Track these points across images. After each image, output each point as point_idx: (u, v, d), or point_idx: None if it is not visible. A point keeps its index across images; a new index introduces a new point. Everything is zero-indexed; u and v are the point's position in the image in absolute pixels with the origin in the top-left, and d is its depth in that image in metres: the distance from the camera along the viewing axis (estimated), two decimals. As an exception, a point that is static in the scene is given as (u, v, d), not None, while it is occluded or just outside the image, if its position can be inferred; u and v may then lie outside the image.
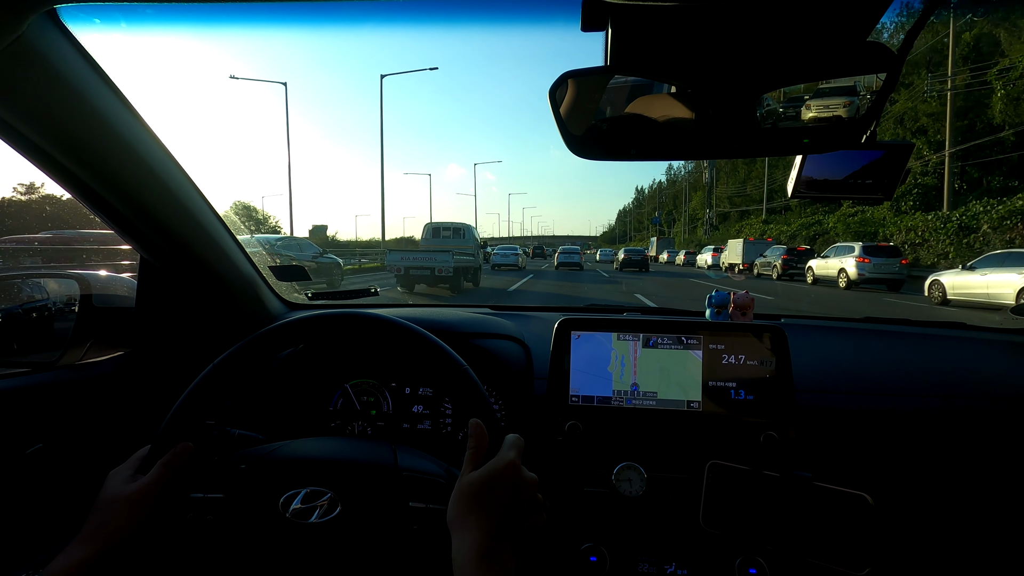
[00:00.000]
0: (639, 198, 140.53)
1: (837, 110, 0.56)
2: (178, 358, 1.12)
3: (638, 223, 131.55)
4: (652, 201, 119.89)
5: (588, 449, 0.99)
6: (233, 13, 0.73)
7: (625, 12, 0.47)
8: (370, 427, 1.19)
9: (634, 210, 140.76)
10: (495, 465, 0.63)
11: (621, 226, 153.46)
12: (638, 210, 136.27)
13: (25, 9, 0.55)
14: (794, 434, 0.94)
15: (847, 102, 0.55)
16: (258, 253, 1.25)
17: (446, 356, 0.73)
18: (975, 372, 1.14)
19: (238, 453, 0.73)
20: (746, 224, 44.09)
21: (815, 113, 0.56)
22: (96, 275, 1.12)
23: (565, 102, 0.58)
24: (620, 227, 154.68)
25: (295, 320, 0.76)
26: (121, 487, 0.66)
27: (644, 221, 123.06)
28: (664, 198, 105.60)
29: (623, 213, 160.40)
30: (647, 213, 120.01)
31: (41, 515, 0.92)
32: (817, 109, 0.56)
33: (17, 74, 0.64)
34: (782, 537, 0.87)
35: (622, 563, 0.93)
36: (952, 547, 1.05)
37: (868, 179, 0.84)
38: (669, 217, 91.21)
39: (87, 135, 0.77)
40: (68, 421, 0.96)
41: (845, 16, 0.49)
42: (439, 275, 11.75)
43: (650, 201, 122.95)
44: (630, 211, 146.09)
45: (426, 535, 0.66)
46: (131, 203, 0.90)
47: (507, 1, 0.71)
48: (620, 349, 1.02)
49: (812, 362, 1.13)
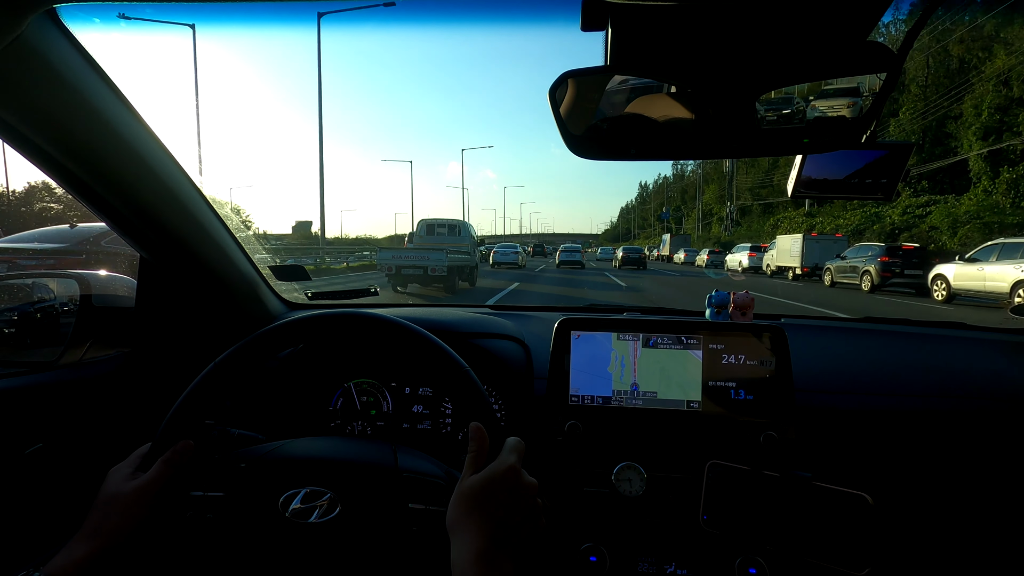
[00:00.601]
0: (643, 194, 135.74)
1: (837, 110, 0.56)
2: (178, 358, 1.12)
3: (642, 220, 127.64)
4: (658, 197, 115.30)
5: (588, 449, 0.99)
6: (234, 13, 0.73)
7: (625, 12, 0.47)
8: (370, 427, 1.19)
9: (638, 207, 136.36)
10: (495, 469, 0.63)
11: (624, 223, 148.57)
12: (642, 206, 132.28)
13: (25, 9, 0.55)
14: (794, 434, 0.94)
15: (847, 102, 0.55)
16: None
17: (447, 357, 0.73)
18: (975, 372, 1.14)
19: (238, 452, 0.73)
20: (782, 217, 37.43)
21: (815, 113, 0.56)
22: (96, 275, 1.12)
23: (565, 102, 0.58)
24: (623, 224, 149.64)
25: (295, 320, 0.76)
26: (121, 485, 0.66)
27: (649, 218, 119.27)
28: (671, 193, 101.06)
29: (625, 210, 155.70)
30: (652, 209, 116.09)
31: (41, 515, 0.92)
32: (817, 109, 0.56)
33: (17, 74, 0.64)
34: (782, 537, 0.87)
35: (622, 563, 0.93)
36: (952, 547, 1.05)
37: (868, 179, 0.84)
38: (677, 213, 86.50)
39: (87, 135, 0.77)
40: (68, 421, 0.96)
41: (845, 16, 0.49)
42: (432, 274, 11.22)
43: (656, 197, 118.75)
44: (634, 208, 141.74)
45: (425, 537, 0.66)
46: (131, 203, 0.90)
47: (507, 1, 0.71)
48: (620, 349, 1.02)
49: (812, 362, 1.13)
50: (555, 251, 31.04)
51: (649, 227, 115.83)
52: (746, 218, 49.48)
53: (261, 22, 0.89)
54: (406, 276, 11.50)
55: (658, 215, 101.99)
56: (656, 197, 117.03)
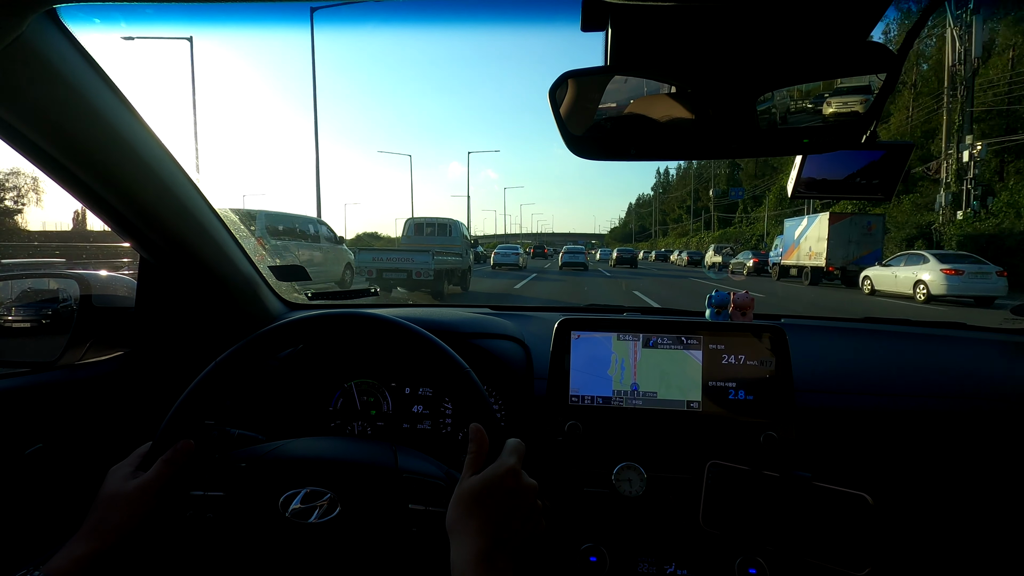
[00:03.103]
0: (663, 183, 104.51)
1: (837, 110, 0.56)
2: (178, 358, 1.12)
3: (663, 216, 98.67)
4: (683, 185, 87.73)
5: (588, 449, 0.99)
6: (234, 13, 0.73)
7: (625, 12, 0.47)
8: (370, 427, 1.19)
9: (660, 195, 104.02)
10: (495, 471, 0.63)
11: (638, 219, 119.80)
12: (663, 195, 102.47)
13: (25, 9, 0.55)
14: (794, 434, 0.94)
15: (847, 102, 0.55)
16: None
17: (447, 357, 0.73)
18: (975, 372, 1.14)
19: (238, 452, 0.73)
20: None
21: (815, 113, 0.56)
22: (96, 275, 1.12)
23: (565, 102, 0.58)
24: (636, 221, 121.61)
25: (295, 320, 0.76)
26: (122, 484, 0.66)
27: (676, 210, 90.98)
28: (702, 180, 72.09)
29: (638, 204, 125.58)
30: (679, 199, 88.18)
31: (41, 516, 0.92)
32: (817, 109, 0.56)
33: (17, 74, 0.64)
34: (782, 537, 0.87)
35: (622, 563, 0.93)
36: (952, 547, 1.05)
37: (868, 179, 0.84)
38: (722, 200, 61.25)
39: (87, 135, 0.77)
40: (68, 421, 0.96)
41: (845, 16, 0.49)
42: (418, 278, 10.00)
43: (681, 185, 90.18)
44: (655, 195, 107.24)
45: (425, 538, 0.66)
46: (131, 203, 0.90)
47: (507, 1, 0.71)
48: (620, 349, 1.02)
49: (812, 362, 1.13)
50: (555, 252, 31.35)
51: (676, 222, 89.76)
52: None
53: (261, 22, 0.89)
54: (388, 280, 10.26)
55: (684, 207, 79.52)
56: (682, 185, 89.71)
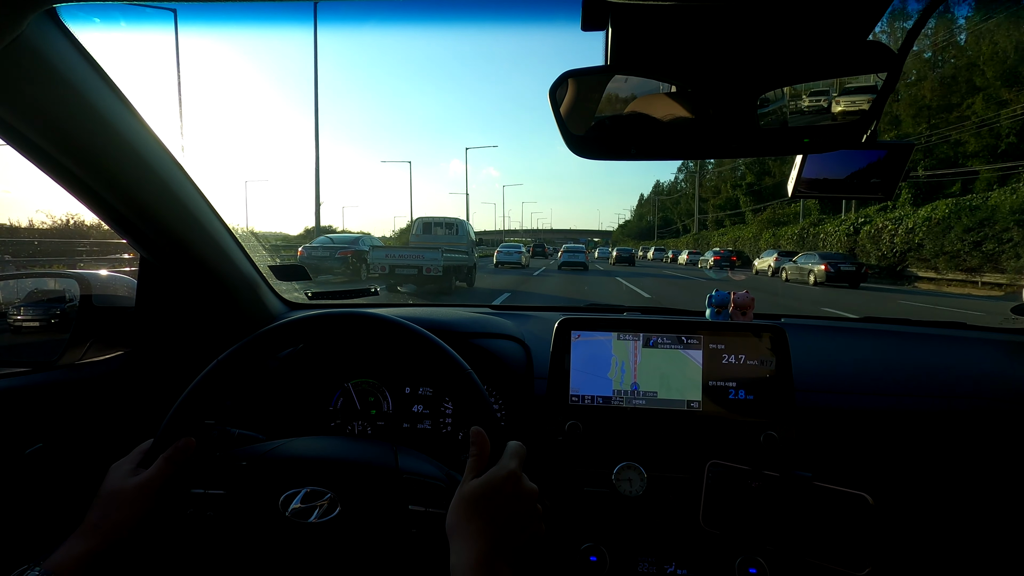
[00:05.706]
0: (687, 169, 75.47)
1: (838, 109, 0.56)
2: (178, 358, 1.12)
3: (685, 211, 74.04)
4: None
5: (588, 449, 0.99)
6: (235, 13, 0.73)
7: (625, 12, 0.47)
8: (370, 427, 1.19)
9: (685, 187, 77.36)
10: (496, 474, 0.63)
11: (661, 211, 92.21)
12: (679, 190, 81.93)
13: (25, 9, 0.55)
14: (794, 434, 0.94)
15: (847, 101, 0.55)
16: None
17: (448, 358, 0.73)
18: (975, 372, 1.14)
19: (239, 450, 0.73)
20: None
21: (816, 113, 0.56)
22: (96, 275, 1.12)
23: (565, 102, 0.58)
24: (660, 213, 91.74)
25: (295, 320, 0.76)
26: (122, 481, 0.66)
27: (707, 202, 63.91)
28: (740, 171, 51.91)
29: (661, 190, 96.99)
30: (710, 188, 62.97)
31: (41, 515, 0.92)
32: (818, 109, 0.56)
33: (17, 74, 0.64)
34: (782, 537, 0.87)
35: (622, 563, 0.93)
36: (952, 547, 1.05)
37: (869, 179, 0.84)
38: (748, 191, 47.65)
39: (87, 135, 0.77)
40: (68, 421, 0.96)
41: (845, 16, 0.49)
42: (427, 274, 10.80)
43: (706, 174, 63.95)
44: (684, 184, 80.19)
45: (425, 539, 0.66)
46: (131, 203, 0.90)
47: (507, 1, 0.71)
48: (620, 349, 1.02)
49: (812, 362, 1.13)
50: (555, 251, 31.45)
51: (701, 214, 62.86)
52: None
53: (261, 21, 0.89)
54: (400, 276, 11.10)
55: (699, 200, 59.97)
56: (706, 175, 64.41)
